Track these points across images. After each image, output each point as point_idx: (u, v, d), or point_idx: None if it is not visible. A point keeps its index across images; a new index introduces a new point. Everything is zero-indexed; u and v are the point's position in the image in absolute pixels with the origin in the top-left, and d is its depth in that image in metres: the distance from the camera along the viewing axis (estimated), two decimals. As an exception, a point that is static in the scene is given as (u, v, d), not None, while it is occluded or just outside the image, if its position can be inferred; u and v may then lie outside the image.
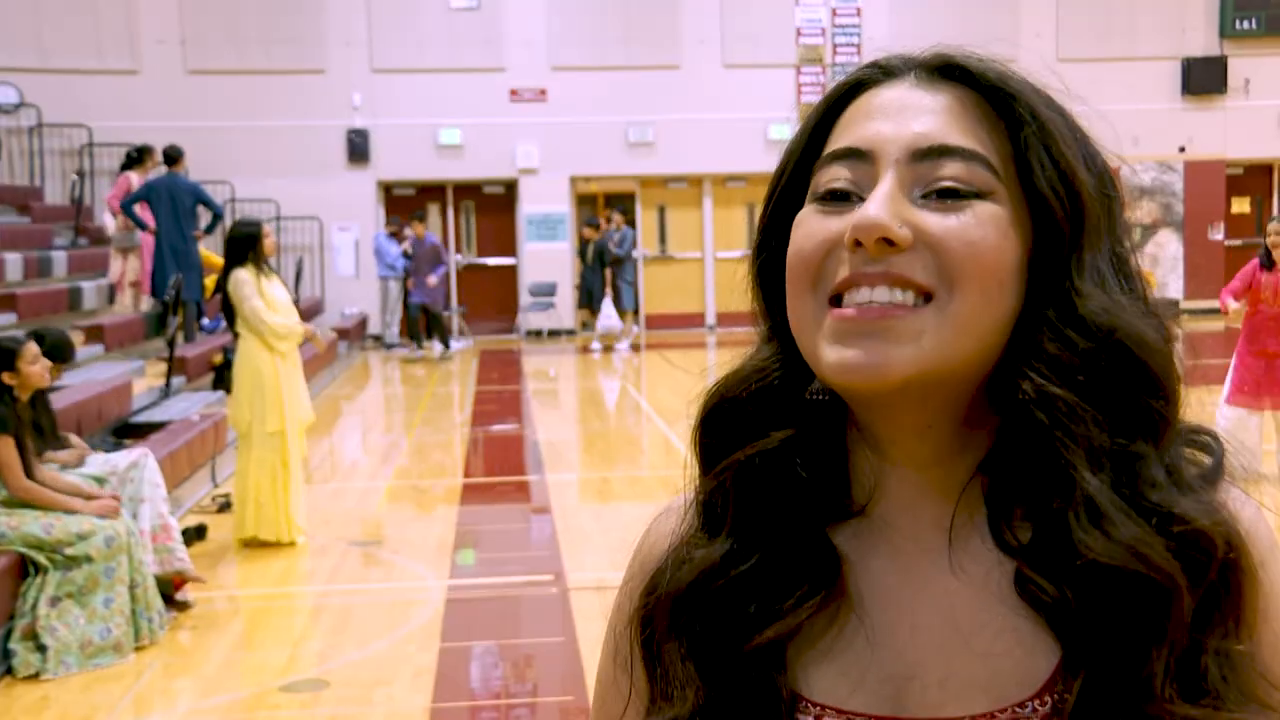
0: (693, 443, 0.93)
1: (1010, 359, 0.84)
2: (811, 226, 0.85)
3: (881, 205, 0.81)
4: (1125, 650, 0.78)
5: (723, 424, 0.91)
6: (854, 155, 0.85)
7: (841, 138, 0.87)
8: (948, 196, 0.82)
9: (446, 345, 17.52)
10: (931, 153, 0.83)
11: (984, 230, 0.81)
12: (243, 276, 6.89)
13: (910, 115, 0.85)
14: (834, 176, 0.85)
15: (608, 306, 17.52)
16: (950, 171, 0.82)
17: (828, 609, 0.86)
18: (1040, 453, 0.82)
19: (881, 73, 0.89)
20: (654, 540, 0.96)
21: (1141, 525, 0.79)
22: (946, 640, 0.85)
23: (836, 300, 0.83)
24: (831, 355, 0.82)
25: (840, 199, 0.85)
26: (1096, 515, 0.79)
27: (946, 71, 0.87)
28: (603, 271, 17.58)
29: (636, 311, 18.47)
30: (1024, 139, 0.83)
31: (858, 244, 0.81)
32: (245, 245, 6.96)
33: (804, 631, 0.86)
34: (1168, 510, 0.80)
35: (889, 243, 0.81)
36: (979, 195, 0.82)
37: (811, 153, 0.90)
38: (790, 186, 0.91)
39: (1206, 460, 0.86)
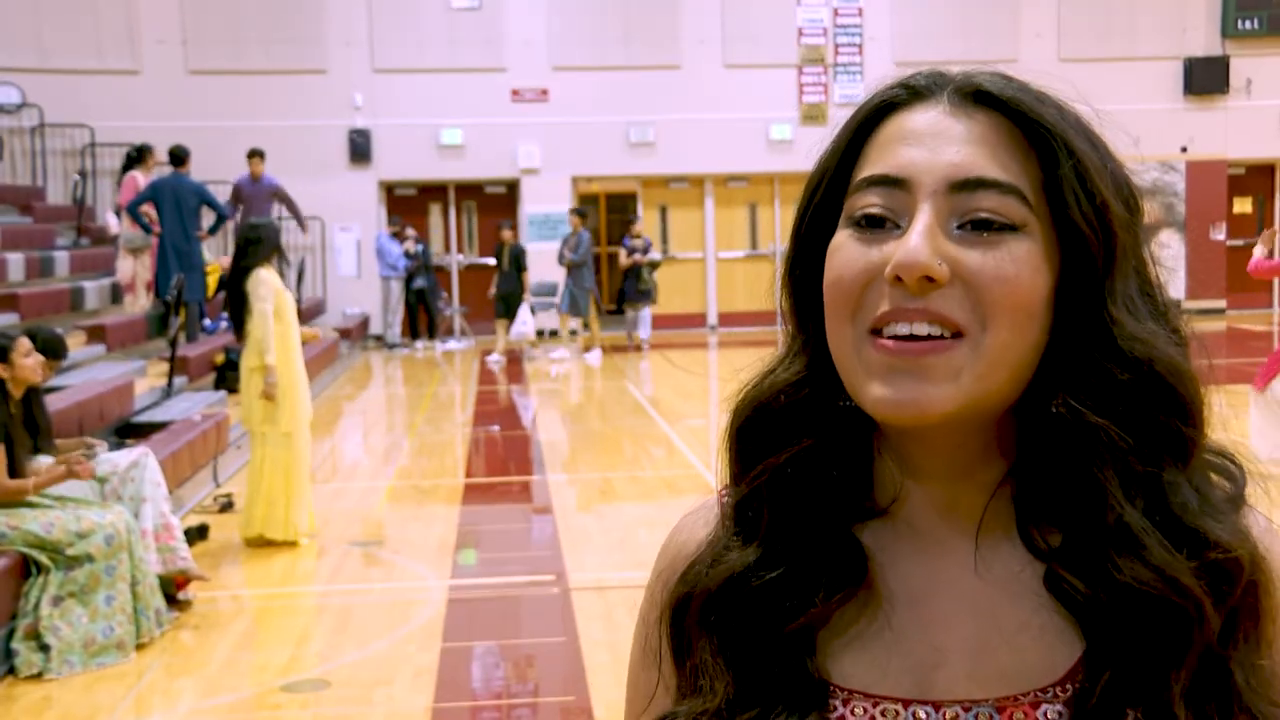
0: (726, 447, 0.97)
1: (1041, 383, 0.87)
2: (849, 255, 0.87)
3: (922, 242, 0.83)
4: (1147, 662, 0.83)
5: (756, 431, 0.95)
6: (890, 183, 0.87)
7: (876, 162, 0.89)
8: (982, 228, 0.85)
9: (431, 337, 17.61)
10: (968, 185, 0.85)
11: (1017, 268, 0.84)
12: (264, 276, 6.93)
13: (944, 143, 0.87)
14: (869, 202, 0.87)
15: (524, 313, 16.67)
16: (986, 203, 0.85)
17: (856, 601, 0.90)
18: (1073, 474, 0.86)
19: (912, 94, 0.90)
20: (684, 537, 1.00)
21: (1172, 552, 0.83)
22: (973, 632, 0.89)
23: (877, 332, 0.86)
24: (874, 392, 0.85)
25: (875, 224, 0.87)
26: (1131, 541, 0.83)
27: (979, 98, 0.88)
28: (519, 277, 16.68)
29: (600, 316, 17.47)
30: (1060, 175, 0.85)
31: (898, 279, 0.84)
32: (270, 246, 7.01)
33: (833, 622, 0.90)
34: (1200, 535, 0.84)
35: (929, 279, 0.83)
36: (1012, 228, 0.85)
37: (843, 170, 0.91)
38: (823, 204, 0.92)
39: (1229, 485, 0.90)
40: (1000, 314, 0.83)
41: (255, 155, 15.41)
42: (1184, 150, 20.00)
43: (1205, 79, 19.96)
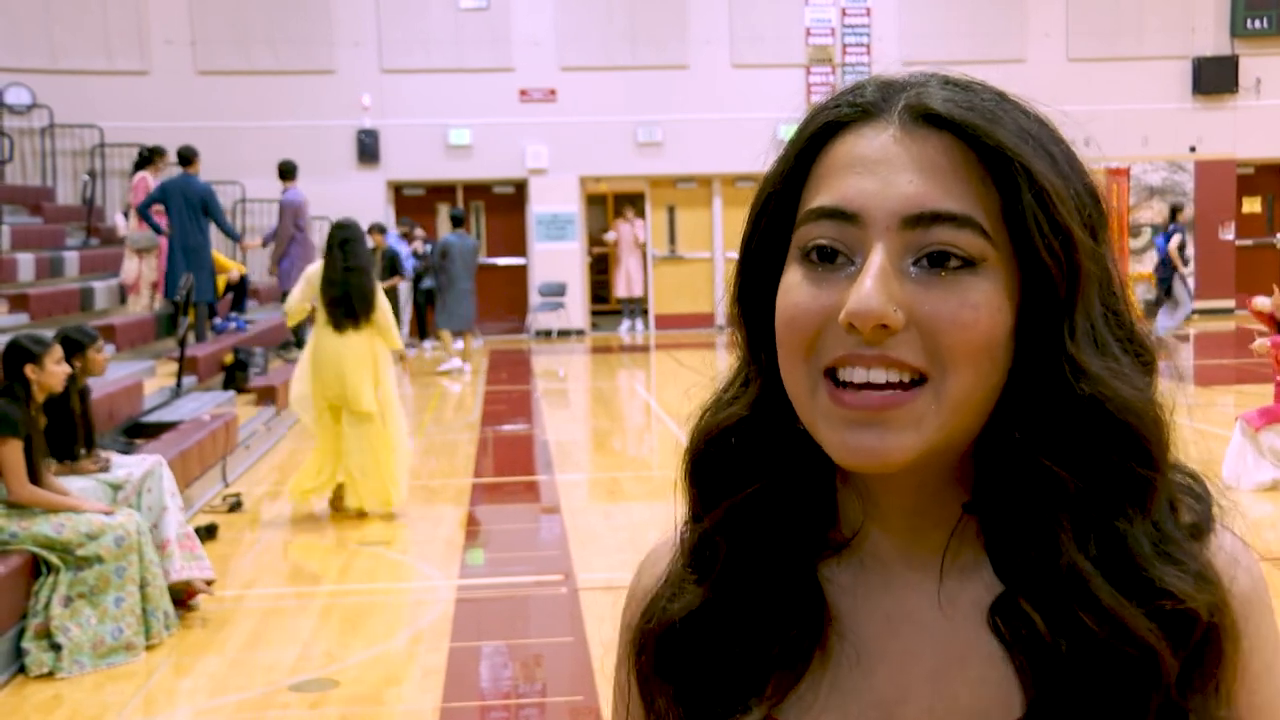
0: (682, 485, 0.94)
1: (1000, 420, 0.84)
2: (800, 296, 0.83)
3: (875, 288, 0.79)
4: (1102, 708, 0.80)
5: (711, 465, 0.92)
6: (840, 215, 0.82)
7: (825, 191, 0.84)
8: (939, 262, 0.81)
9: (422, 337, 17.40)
10: (922, 219, 0.80)
11: (976, 312, 0.80)
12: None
13: (896, 172, 0.81)
14: (819, 234, 0.83)
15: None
16: (942, 236, 0.80)
17: (817, 644, 0.88)
18: (1028, 515, 0.83)
19: (859, 112, 0.85)
20: (646, 583, 0.97)
21: (1121, 601, 0.80)
22: (935, 668, 0.86)
23: (831, 371, 0.82)
24: (834, 439, 0.82)
25: (827, 258, 0.83)
26: (1081, 588, 0.81)
27: (932, 119, 0.82)
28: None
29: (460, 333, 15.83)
30: (1021, 205, 0.81)
31: (852, 325, 0.80)
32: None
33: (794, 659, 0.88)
34: (1153, 583, 0.81)
35: (883, 326, 0.79)
36: (971, 263, 0.80)
37: (790, 191, 0.87)
38: (770, 229, 0.88)
39: (1197, 508, 0.86)
40: (960, 359, 0.80)
41: (286, 174, 14.36)
42: (1193, 150, 19.95)
43: (1214, 78, 19.91)
